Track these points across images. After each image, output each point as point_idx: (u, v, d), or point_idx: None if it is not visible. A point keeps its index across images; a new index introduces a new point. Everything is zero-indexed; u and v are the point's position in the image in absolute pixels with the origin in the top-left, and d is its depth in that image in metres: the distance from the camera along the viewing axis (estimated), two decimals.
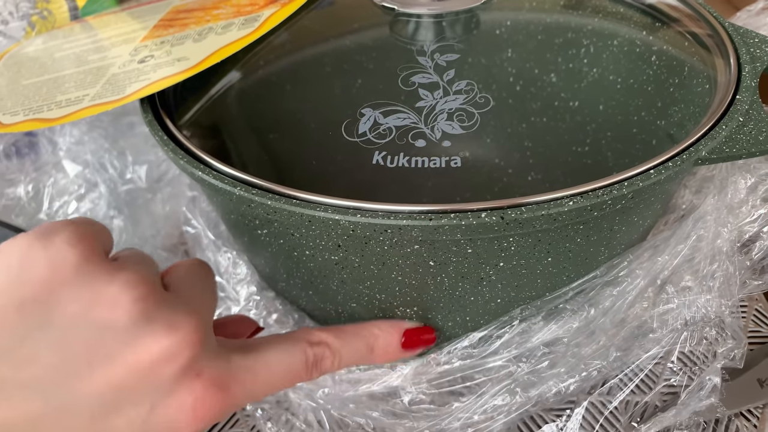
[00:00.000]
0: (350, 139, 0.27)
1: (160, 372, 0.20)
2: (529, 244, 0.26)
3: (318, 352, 0.26)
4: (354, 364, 0.28)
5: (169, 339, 0.20)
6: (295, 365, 0.25)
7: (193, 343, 0.21)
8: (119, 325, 0.20)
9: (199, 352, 0.21)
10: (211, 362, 0.22)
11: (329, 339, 0.26)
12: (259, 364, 0.24)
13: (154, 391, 0.21)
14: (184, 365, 0.21)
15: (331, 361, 0.26)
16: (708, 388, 0.28)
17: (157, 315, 0.21)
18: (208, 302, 0.25)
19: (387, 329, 0.29)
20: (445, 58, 0.31)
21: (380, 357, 0.28)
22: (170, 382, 0.21)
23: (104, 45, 0.39)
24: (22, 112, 0.34)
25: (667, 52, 0.33)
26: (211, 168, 0.26)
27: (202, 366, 0.21)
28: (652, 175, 0.24)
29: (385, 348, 0.28)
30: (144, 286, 0.21)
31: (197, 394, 0.21)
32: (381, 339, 0.28)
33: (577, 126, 0.29)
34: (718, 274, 0.29)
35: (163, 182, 0.43)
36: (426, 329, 0.30)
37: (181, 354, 0.21)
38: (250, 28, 0.33)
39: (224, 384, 0.22)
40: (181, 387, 0.21)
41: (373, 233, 0.24)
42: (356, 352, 0.27)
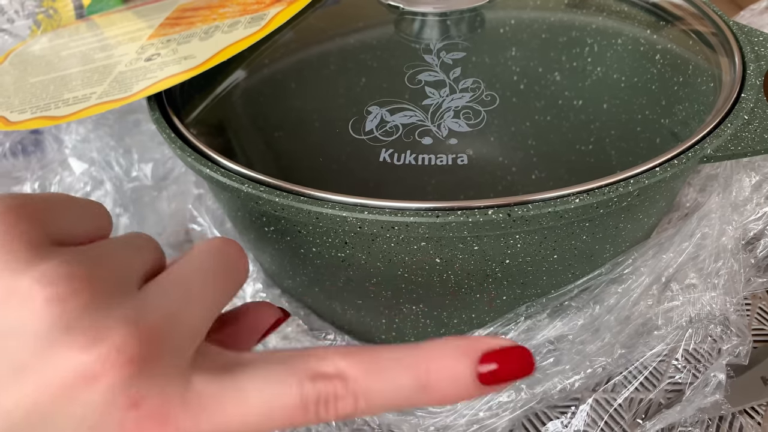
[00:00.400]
0: (357, 137, 0.27)
1: (80, 398, 0.15)
2: (535, 241, 0.26)
3: (325, 390, 0.17)
4: (397, 407, 0.18)
5: (87, 354, 0.15)
6: (283, 404, 0.17)
7: (123, 362, 0.16)
8: (28, 329, 0.15)
9: (135, 373, 0.16)
10: (156, 386, 0.16)
11: (349, 369, 0.18)
12: (230, 394, 0.17)
13: (76, 422, 0.16)
14: (110, 391, 0.15)
15: (353, 403, 0.18)
16: (713, 385, 0.28)
17: (80, 321, 0.16)
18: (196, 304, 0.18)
19: (451, 352, 0.18)
20: (451, 56, 0.31)
21: (443, 396, 0.18)
22: (93, 412, 0.16)
23: (110, 43, 0.40)
24: (30, 109, 0.34)
25: (671, 50, 0.33)
26: (218, 165, 0.26)
27: (141, 392, 0.16)
28: (657, 173, 0.25)
29: (450, 383, 0.18)
30: (67, 282, 0.16)
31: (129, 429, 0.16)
32: (441, 370, 0.18)
33: (582, 124, 0.29)
34: (723, 271, 0.29)
35: (169, 180, 0.43)
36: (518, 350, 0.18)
37: (103, 376, 0.15)
38: (257, 26, 0.33)
39: (170, 417, 0.16)
40: (109, 419, 0.16)
41: (380, 230, 0.24)
42: (397, 390, 0.18)
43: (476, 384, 0.18)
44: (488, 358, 0.18)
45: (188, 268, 0.19)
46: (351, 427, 0.33)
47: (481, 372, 0.18)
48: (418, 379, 0.18)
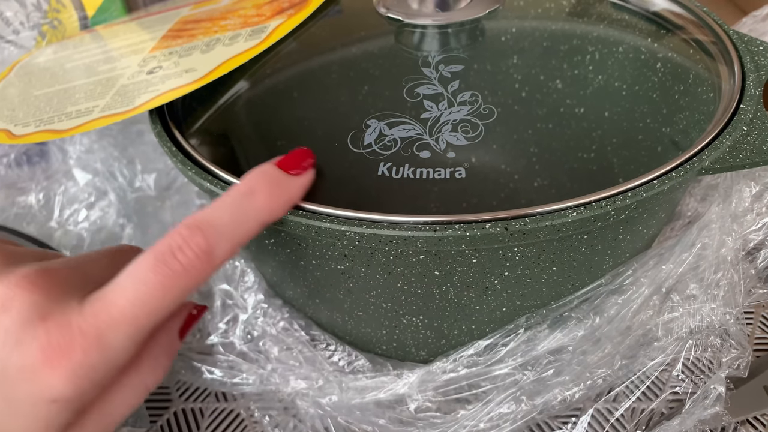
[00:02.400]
0: (356, 151, 0.28)
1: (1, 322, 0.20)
2: (533, 253, 0.26)
3: (171, 239, 0.22)
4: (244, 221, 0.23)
5: (1, 286, 0.20)
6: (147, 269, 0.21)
7: (28, 287, 0.20)
8: None
9: (40, 297, 0.20)
10: (59, 305, 0.21)
11: (186, 220, 0.22)
12: (110, 290, 0.21)
13: (3, 342, 0.20)
14: (22, 311, 0.20)
15: (201, 236, 0.22)
16: (713, 396, 0.28)
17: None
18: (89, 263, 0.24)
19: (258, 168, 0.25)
20: (449, 69, 0.31)
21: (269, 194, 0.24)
22: (13, 334, 0.20)
23: (114, 55, 0.40)
24: (34, 123, 0.34)
25: (671, 59, 0.33)
26: (218, 179, 0.27)
27: (47, 310, 0.20)
28: (655, 186, 0.25)
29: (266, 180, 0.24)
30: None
31: (41, 338, 0.20)
32: (254, 176, 0.24)
33: (583, 132, 0.29)
34: (723, 282, 0.29)
35: (171, 190, 0.43)
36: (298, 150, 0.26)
37: (14, 299, 0.20)
38: (257, 39, 0.34)
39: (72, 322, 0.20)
40: (25, 335, 0.20)
41: (378, 244, 0.24)
42: (231, 206, 0.23)
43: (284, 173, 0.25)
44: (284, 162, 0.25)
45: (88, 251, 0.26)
46: None
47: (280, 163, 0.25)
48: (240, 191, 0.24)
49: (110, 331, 0.21)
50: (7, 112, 0.37)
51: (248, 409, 0.36)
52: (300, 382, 0.33)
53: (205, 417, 0.36)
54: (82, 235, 0.41)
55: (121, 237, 0.42)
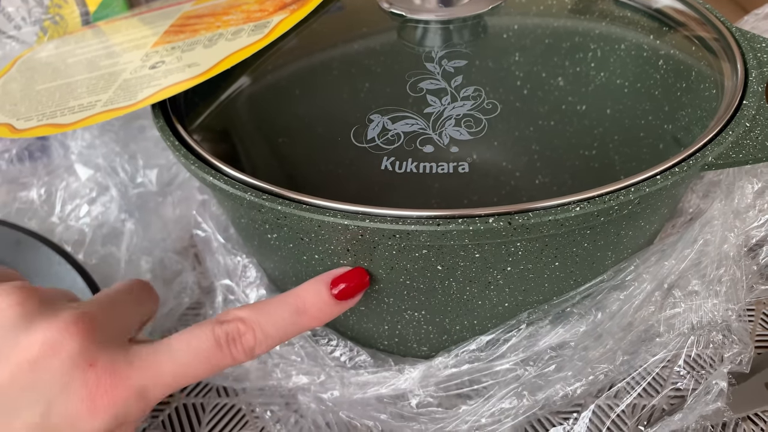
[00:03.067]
0: (359, 145, 0.28)
1: (48, 366, 0.21)
2: (536, 248, 0.26)
3: (230, 328, 0.24)
4: (288, 334, 0.26)
5: (49, 331, 0.21)
6: (203, 347, 0.24)
7: (77, 332, 0.21)
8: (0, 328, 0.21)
9: (87, 342, 0.21)
10: (105, 351, 0.22)
11: (244, 313, 0.25)
12: (161, 349, 0.23)
13: (47, 387, 0.21)
14: (71, 355, 0.21)
15: (252, 336, 0.25)
16: (714, 392, 0.28)
17: (38, 315, 0.22)
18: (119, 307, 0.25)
19: (313, 286, 0.26)
20: (452, 64, 0.31)
21: (315, 317, 0.26)
22: (62, 376, 0.21)
23: (116, 50, 0.40)
24: (36, 117, 0.34)
25: (674, 56, 0.33)
26: (221, 173, 0.27)
27: (94, 355, 0.21)
28: (658, 181, 0.25)
29: (317, 305, 0.26)
30: (21, 292, 0.22)
31: (91, 384, 0.21)
32: (309, 298, 0.26)
33: (585, 129, 0.29)
34: (725, 278, 0.29)
35: (173, 186, 0.43)
36: (356, 272, 0.27)
37: (64, 344, 0.21)
38: (260, 34, 0.34)
39: (121, 371, 0.22)
40: (74, 379, 0.21)
41: (381, 238, 0.24)
42: (283, 320, 0.25)
43: (334, 300, 0.26)
44: (337, 281, 0.27)
45: (111, 289, 0.27)
46: None
47: (335, 293, 0.26)
48: (295, 308, 0.26)
49: (154, 387, 0.23)
50: (9, 106, 0.37)
51: (249, 404, 0.36)
52: (302, 378, 0.33)
53: (206, 412, 0.36)
54: (84, 231, 0.41)
55: (122, 232, 0.42)
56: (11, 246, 0.39)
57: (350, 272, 0.27)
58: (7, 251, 0.39)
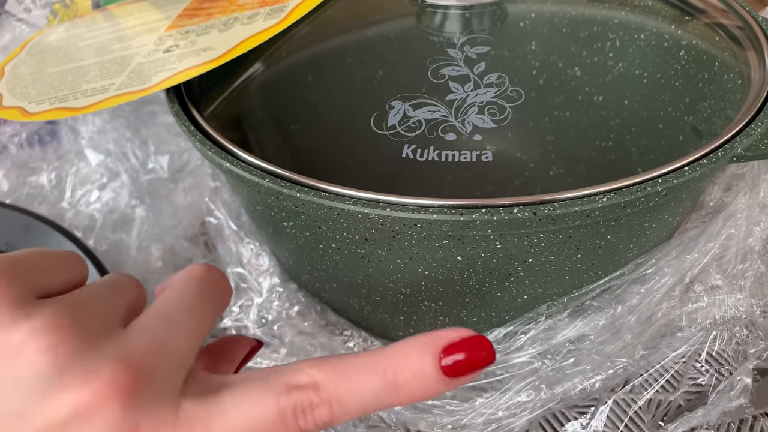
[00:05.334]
0: (379, 132, 0.27)
1: None
2: (559, 240, 0.25)
3: (300, 399, 0.19)
4: (371, 409, 0.19)
5: (83, 391, 0.17)
6: (263, 418, 0.18)
7: (116, 394, 0.17)
8: (26, 379, 0.17)
9: (128, 403, 0.17)
10: (149, 415, 0.18)
11: (320, 377, 0.19)
12: (215, 415, 0.19)
13: None
14: (107, 421, 0.17)
15: (327, 410, 0.19)
16: (738, 388, 0.28)
17: (72, 365, 0.17)
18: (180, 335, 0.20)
19: (415, 351, 0.19)
20: (475, 51, 0.31)
21: (412, 394, 0.19)
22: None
23: (128, 34, 0.39)
24: (48, 100, 0.34)
25: (696, 46, 0.33)
26: (238, 159, 0.26)
27: (135, 420, 0.17)
28: (686, 173, 0.24)
29: (417, 380, 0.19)
30: (57, 333, 0.18)
31: None
32: (407, 368, 0.19)
33: (602, 120, 0.29)
34: (749, 273, 0.29)
35: (185, 172, 0.43)
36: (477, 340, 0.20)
37: (99, 408, 0.17)
38: (277, 18, 0.33)
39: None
40: None
41: (402, 227, 0.24)
42: (369, 393, 0.19)
43: (442, 377, 0.19)
44: (449, 350, 0.19)
45: (171, 301, 0.21)
46: (366, 424, 0.33)
47: (444, 365, 0.19)
48: (387, 380, 0.19)
49: None
50: (20, 89, 0.37)
51: None
52: None
53: None
54: (94, 216, 0.41)
55: (133, 218, 0.41)
56: (21, 230, 0.39)
57: (470, 339, 0.20)
58: (16, 236, 0.39)
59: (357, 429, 0.32)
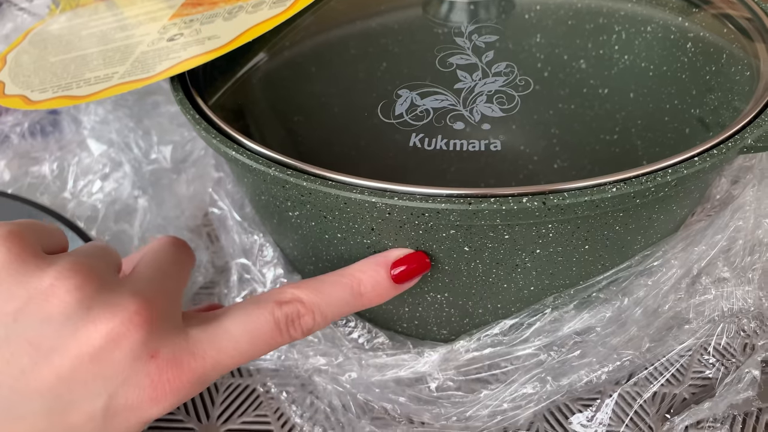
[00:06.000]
0: (387, 121, 0.27)
1: (109, 358, 0.20)
2: (567, 230, 0.25)
3: (289, 310, 0.24)
4: (342, 315, 0.26)
5: (112, 322, 0.20)
6: (262, 330, 0.23)
7: (140, 323, 0.20)
8: (57, 316, 0.20)
9: (149, 331, 0.21)
10: (166, 341, 0.21)
11: (302, 294, 0.24)
12: (220, 334, 0.23)
13: (109, 379, 0.20)
14: (133, 347, 0.20)
15: (311, 318, 0.24)
16: (747, 380, 0.27)
17: (96, 301, 0.20)
18: (170, 281, 0.24)
19: (372, 267, 0.26)
20: (483, 39, 0.30)
21: (371, 300, 0.26)
22: (123, 368, 0.20)
23: (131, 23, 0.39)
24: (51, 89, 0.34)
25: (703, 38, 0.33)
26: (244, 148, 0.26)
27: (155, 346, 0.21)
28: (697, 163, 0.24)
29: (375, 288, 0.26)
30: (79, 275, 0.20)
31: (153, 375, 0.21)
32: (366, 279, 0.25)
33: (607, 113, 0.28)
34: (758, 265, 0.29)
35: (188, 163, 0.42)
36: (416, 255, 0.26)
37: (127, 336, 0.20)
38: (282, 6, 0.33)
39: (183, 361, 0.21)
40: (136, 371, 0.20)
41: (410, 217, 0.23)
42: (340, 301, 0.25)
43: (392, 284, 0.26)
44: (396, 264, 0.26)
45: (156, 257, 0.25)
46: (371, 416, 0.33)
47: (393, 275, 0.26)
48: (353, 291, 0.25)
49: (214, 371, 0.22)
50: (22, 78, 0.36)
51: (264, 384, 0.36)
52: (319, 359, 0.33)
53: (220, 392, 0.36)
54: (97, 207, 0.41)
55: (135, 209, 0.41)
56: None
57: (411, 255, 0.26)
58: None
59: (361, 421, 0.32)
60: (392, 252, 0.26)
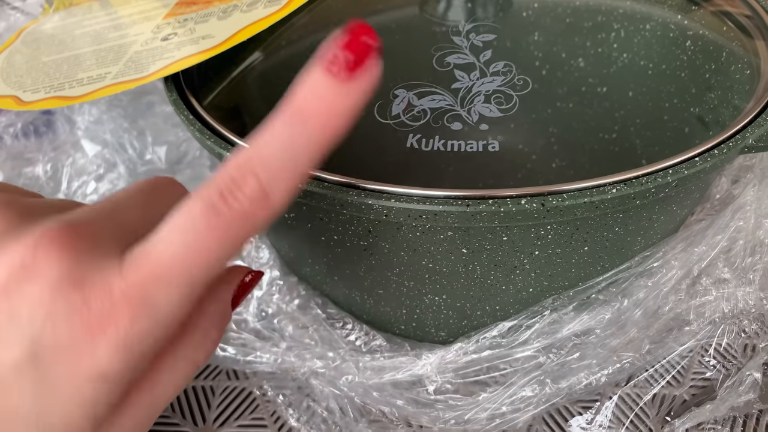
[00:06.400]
0: (383, 121, 0.26)
1: (23, 296, 0.16)
2: (566, 232, 0.25)
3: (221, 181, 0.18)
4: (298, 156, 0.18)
5: (19, 251, 0.17)
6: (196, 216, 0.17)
7: (55, 248, 0.17)
8: None
9: (69, 259, 0.17)
10: (94, 267, 0.17)
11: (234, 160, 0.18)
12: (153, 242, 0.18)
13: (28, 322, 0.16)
14: (51, 277, 0.17)
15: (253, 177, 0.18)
16: (748, 383, 0.27)
17: (12, 231, 0.17)
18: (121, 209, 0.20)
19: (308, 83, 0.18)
20: (481, 39, 0.30)
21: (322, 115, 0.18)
22: (43, 306, 0.16)
23: (124, 22, 0.39)
24: (43, 89, 0.33)
25: (703, 36, 0.32)
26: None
27: (80, 274, 0.17)
28: (697, 163, 0.24)
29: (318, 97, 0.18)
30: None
31: (80, 308, 0.16)
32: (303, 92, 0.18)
33: (606, 112, 0.28)
34: (759, 266, 0.28)
35: (182, 164, 0.42)
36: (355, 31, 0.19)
37: (38, 266, 0.17)
38: (277, 5, 0.32)
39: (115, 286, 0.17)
40: (57, 304, 0.16)
41: (407, 219, 0.23)
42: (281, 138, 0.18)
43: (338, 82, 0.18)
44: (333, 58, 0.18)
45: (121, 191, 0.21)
46: (368, 419, 0.33)
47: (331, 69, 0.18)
48: (292, 115, 0.18)
49: (158, 290, 0.17)
50: (14, 78, 0.36)
51: (261, 387, 0.35)
52: (316, 362, 0.32)
53: (216, 395, 0.35)
54: None
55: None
56: None
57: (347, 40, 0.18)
58: None
59: (359, 424, 0.32)
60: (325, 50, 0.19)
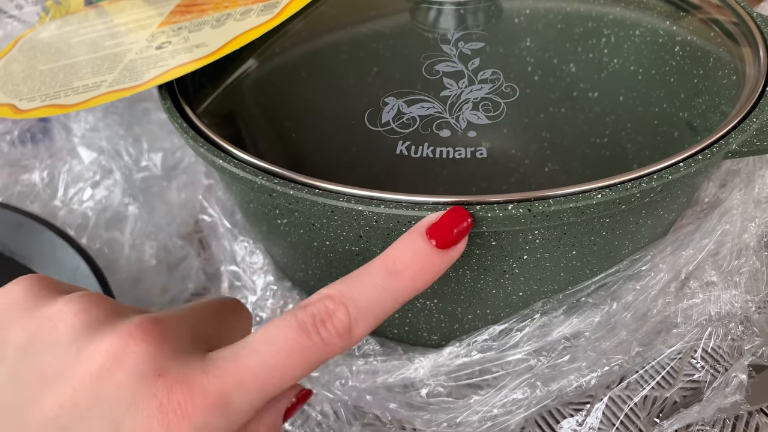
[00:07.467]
0: (373, 129, 0.27)
1: (112, 380, 0.18)
2: (554, 237, 0.25)
3: (315, 309, 0.20)
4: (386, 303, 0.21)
5: (113, 340, 0.18)
6: (286, 336, 0.19)
7: (143, 338, 0.19)
8: (64, 340, 0.19)
9: (155, 349, 0.19)
10: (177, 360, 0.19)
11: (328, 289, 0.21)
12: (241, 353, 0.19)
13: (114, 404, 0.18)
14: (138, 365, 0.18)
15: (345, 313, 0.20)
16: (734, 385, 0.27)
17: (104, 323, 0.19)
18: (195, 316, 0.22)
19: (406, 240, 0.22)
20: (469, 47, 0.30)
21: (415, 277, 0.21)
22: (127, 388, 0.18)
23: (120, 31, 0.39)
24: (39, 97, 0.33)
25: (691, 42, 0.33)
26: (231, 156, 0.26)
27: (164, 365, 0.18)
28: (681, 168, 0.24)
29: (414, 260, 0.21)
30: (87, 299, 0.20)
31: (161, 396, 0.18)
32: (401, 253, 0.22)
33: (597, 117, 0.29)
34: (745, 269, 0.29)
35: (178, 170, 0.42)
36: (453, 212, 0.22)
37: (129, 354, 0.18)
38: (270, 14, 0.33)
39: (196, 382, 0.18)
40: (142, 392, 0.18)
41: (397, 224, 0.23)
42: (375, 286, 0.21)
43: (435, 250, 0.22)
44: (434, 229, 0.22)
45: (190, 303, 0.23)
46: (362, 422, 0.33)
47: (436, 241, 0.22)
48: (388, 270, 0.21)
49: (237, 394, 0.19)
50: (11, 86, 0.36)
51: None
52: None
53: None
54: (87, 214, 0.41)
55: (126, 217, 0.41)
56: (13, 229, 0.39)
57: (447, 214, 0.22)
58: (9, 235, 0.38)
59: (352, 427, 0.32)
60: (426, 218, 0.22)
